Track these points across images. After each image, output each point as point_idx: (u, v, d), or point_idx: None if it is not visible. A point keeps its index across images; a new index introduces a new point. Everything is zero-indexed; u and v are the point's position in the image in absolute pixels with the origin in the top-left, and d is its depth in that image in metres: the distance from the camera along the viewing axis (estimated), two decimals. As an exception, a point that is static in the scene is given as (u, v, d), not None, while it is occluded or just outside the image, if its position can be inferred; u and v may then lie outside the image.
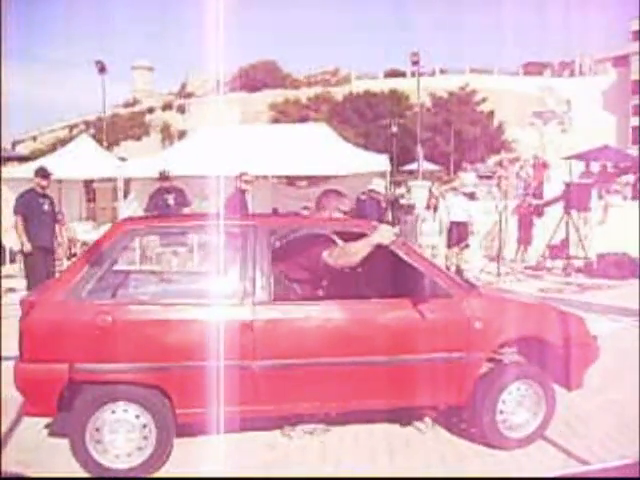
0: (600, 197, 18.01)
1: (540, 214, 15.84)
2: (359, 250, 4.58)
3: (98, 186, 18.36)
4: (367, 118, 50.05)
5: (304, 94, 62.86)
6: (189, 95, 79.83)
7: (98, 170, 16.28)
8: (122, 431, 4.25)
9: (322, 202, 5.18)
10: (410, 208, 17.96)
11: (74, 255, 11.57)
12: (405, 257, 4.74)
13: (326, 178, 18.85)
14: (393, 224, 5.06)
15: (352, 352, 4.48)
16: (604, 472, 2.19)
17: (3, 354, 5.57)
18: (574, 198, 13.87)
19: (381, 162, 15.68)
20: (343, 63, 79.41)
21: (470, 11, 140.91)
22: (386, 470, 4.38)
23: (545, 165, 22.60)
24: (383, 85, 58.32)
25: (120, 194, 15.77)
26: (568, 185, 14.48)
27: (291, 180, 22.84)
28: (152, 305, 4.47)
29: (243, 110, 62.75)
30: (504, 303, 5.23)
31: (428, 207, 14.25)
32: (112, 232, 4.61)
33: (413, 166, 31.17)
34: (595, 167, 25.74)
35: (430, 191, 15.52)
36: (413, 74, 36.31)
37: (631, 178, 21.87)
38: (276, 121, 48.11)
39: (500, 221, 14.35)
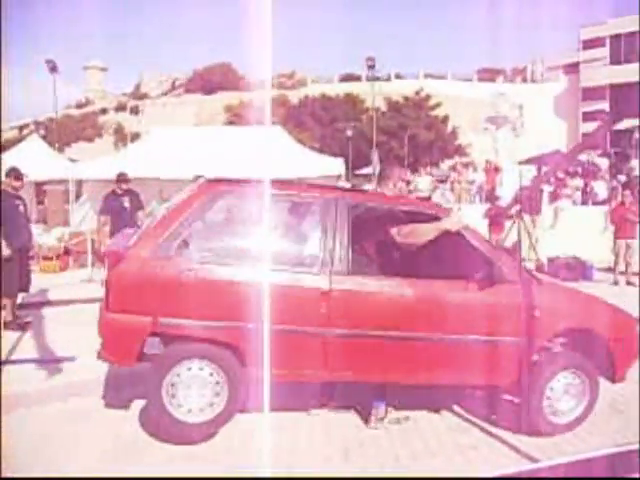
0: (551, 201, 18.32)
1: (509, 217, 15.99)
2: (428, 232, 4.83)
3: (49, 188, 17.97)
4: (323, 122, 50.21)
5: (259, 97, 62.69)
6: (143, 96, 78.98)
7: (49, 172, 15.91)
8: (196, 387, 4.47)
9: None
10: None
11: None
12: (473, 241, 4.96)
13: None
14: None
15: (418, 328, 4.72)
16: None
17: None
18: (526, 202, 14.07)
19: (336, 166, 15.70)
20: (299, 66, 79.34)
21: (424, 17, 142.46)
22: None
23: (497, 169, 22.86)
24: (339, 89, 58.57)
25: (72, 196, 15.48)
26: (522, 189, 14.69)
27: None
28: (233, 267, 4.54)
29: (198, 112, 62.35)
30: (563, 294, 5.47)
31: None
32: (198, 193, 4.75)
33: (368, 170, 31.33)
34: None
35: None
36: (368, 78, 36.45)
37: (581, 183, 22.29)
38: (231, 123, 47.84)
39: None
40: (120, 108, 75.09)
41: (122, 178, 10.43)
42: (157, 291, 4.42)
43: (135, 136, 54.25)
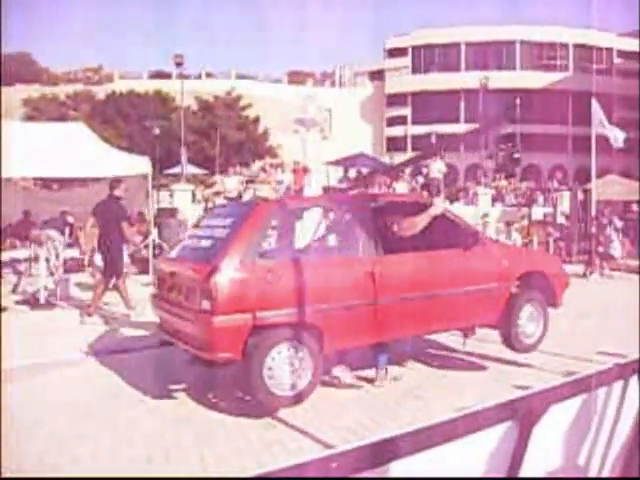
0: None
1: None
2: (422, 221, 6.23)
3: None
4: (130, 119, 48.56)
5: (62, 91, 59.52)
6: None
7: None
8: (288, 366, 5.34)
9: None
10: (173, 211, 17.71)
11: None
12: (453, 218, 6.75)
13: (84, 181, 17.94)
14: None
15: (434, 287, 6.16)
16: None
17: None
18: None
19: (142, 165, 15.20)
20: (106, 61, 76.36)
21: (236, 16, 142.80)
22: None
23: (306, 170, 23.30)
24: (148, 86, 56.99)
25: None
26: (326, 189, 15.09)
27: (46, 183, 21.45)
28: (303, 263, 5.60)
29: (-7, 105, 57.94)
30: (515, 249, 9.42)
31: (206, 211, 14.71)
32: (260, 212, 5.87)
33: (178, 170, 30.74)
34: (352, 173, 27.13)
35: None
36: (178, 76, 35.80)
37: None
38: (30, 118, 44.89)
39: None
40: None
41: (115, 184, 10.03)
42: (251, 291, 5.29)
43: None
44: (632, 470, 2.76)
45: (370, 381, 6.36)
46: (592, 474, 2.64)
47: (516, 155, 24.22)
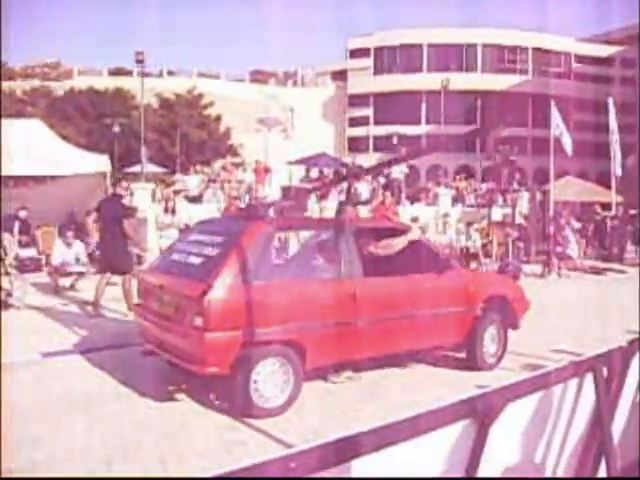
0: (317, 201, 18.93)
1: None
2: (399, 244, 6.80)
3: None
4: (89, 116, 47.85)
5: (19, 87, 58.40)
6: None
7: None
8: (271, 379, 5.61)
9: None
10: (132, 210, 17.50)
11: None
12: (426, 244, 7.42)
13: (42, 178, 17.66)
14: None
15: (406, 308, 6.49)
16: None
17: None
18: (293, 201, 14.44)
19: (101, 163, 15.06)
20: (65, 57, 75.15)
21: (199, 13, 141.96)
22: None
23: (267, 169, 23.28)
24: (108, 83, 56.22)
25: None
26: (285, 189, 15.10)
27: (2, 180, 21.02)
28: (290, 283, 6.04)
29: (-54, 100, 56.59)
30: (482, 275, 10.61)
31: (166, 210, 14.76)
32: (251, 233, 6.03)
33: (138, 168, 30.40)
34: (315, 172, 27.16)
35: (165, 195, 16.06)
36: (139, 73, 35.39)
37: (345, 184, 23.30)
38: (-14, 114, 43.99)
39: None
40: None
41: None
42: (242, 310, 5.48)
43: None
44: (586, 466, 2.82)
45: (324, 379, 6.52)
46: (548, 470, 2.69)
47: (512, 157, 24.47)
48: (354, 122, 65.46)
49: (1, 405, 5.18)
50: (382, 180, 23.28)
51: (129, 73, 57.36)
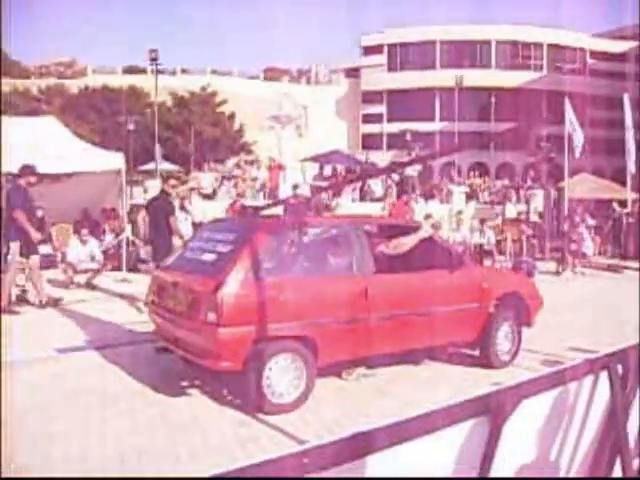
0: (330, 198, 18.96)
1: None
2: (410, 242, 6.81)
3: None
4: (104, 114, 48.08)
5: (34, 85, 58.75)
6: None
7: None
8: (284, 375, 5.62)
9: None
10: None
11: None
12: (439, 241, 7.45)
13: (57, 176, 17.74)
14: None
15: (419, 305, 6.48)
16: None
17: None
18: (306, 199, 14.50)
19: (115, 160, 15.08)
20: (79, 55, 75.53)
21: (212, 11, 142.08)
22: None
23: (281, 167, 23.30)
24: (122, 81, 56.45)
25: None
26: (295, 187, 15.15)
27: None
28: (303, 280, 6.02)
29: (-38, 99, 56.99)
30: (496, 271, 9.98)
31: (181, 208, 14.67)
32: (265, 231, 6.12)
33: (152, 166, 30.53)
34: (328, 170, 27.18)
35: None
36: (153, 71, 35.54)
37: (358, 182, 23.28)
38: (1, 113, 44.30)
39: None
40: None
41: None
42: (254, 306, 5.51)
43: None
44: (601, 465, 2.80)
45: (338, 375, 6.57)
46: (562, 469, 2.68)
47: (552, 154, 24.24)
48: (368, 119, 65.43)
49: (14, 402, 5.19)
50: (396, 177, 23.25)
51: (143, 71, 57.59)
